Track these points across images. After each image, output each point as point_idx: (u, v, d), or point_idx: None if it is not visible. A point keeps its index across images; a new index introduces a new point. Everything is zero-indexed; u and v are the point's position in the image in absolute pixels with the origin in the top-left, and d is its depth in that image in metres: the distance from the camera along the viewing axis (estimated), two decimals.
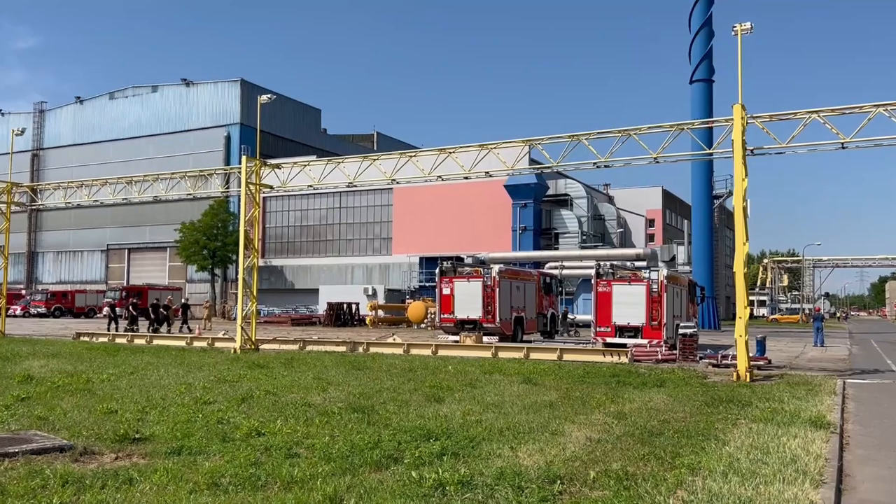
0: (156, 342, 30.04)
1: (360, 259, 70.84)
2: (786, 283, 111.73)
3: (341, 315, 54.01)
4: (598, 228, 67.91)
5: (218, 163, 72.63)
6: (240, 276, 25.38)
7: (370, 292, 60.63)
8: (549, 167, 21.98)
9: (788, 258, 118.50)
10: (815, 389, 14.79)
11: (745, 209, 18.01)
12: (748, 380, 17.03)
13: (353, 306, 55.40)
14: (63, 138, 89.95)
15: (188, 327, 38.41)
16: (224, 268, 73.91)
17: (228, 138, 77.50)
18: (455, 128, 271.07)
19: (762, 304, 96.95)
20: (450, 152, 23.21)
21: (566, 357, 22.72)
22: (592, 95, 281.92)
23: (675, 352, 23.06)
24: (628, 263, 42.59)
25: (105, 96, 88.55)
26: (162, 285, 72.27)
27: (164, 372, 16.05)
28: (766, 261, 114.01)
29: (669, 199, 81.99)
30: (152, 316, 37.61)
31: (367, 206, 71.23)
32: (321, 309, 57.79)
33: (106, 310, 67.17)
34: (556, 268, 52.18)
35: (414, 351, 25.03)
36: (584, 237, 62.12)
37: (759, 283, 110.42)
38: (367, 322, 52.30)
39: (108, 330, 34.36)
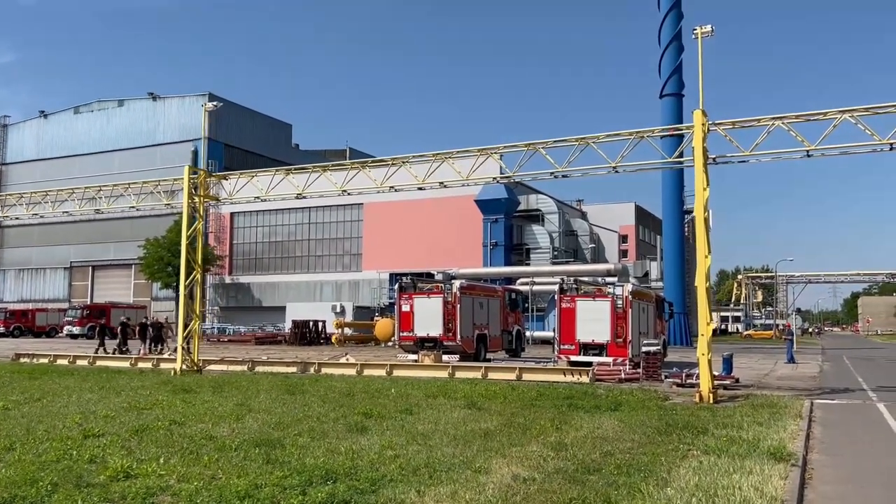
0: (98, 363, 28.49)
1: (330, 276, 69.34)
2: (760, 298, 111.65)
3: (307, 333, 52.49)
4: (570, 244, 67.07)
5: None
6: (180, 293, 23.98)
7: (338, 310, 59.07)
8: (506, 177, 20.93)
9: (762, 274, 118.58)
10: (780, 412, 13.73)
11: (706, 220, 17.06)
12: (711, 401, 15.97)
13: (320, 324, 53.86)
14: (26, 153, 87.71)
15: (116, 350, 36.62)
16: None
17: (195, 153, 75.72)
18: (430, 145, 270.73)
19: (736, 319, 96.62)
20: (403, 162, 22.09)
21: (526, 376, 21.59)
22: (572, 113, 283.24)
23: (639, 370, 22.01)
24: (599, 279, 41.72)
25: (70, 111, 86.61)
26: (125, 303, 70.22)
27: (75, 398, 14.64)
28: (740, 276, 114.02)
29: (642, 215, 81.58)
30: (139, 335, 34.79)
31: (337, 221, 69.89)
32: (288, 327, 56.17)
33: (65, 329, 65.42)
34: (527, 283, 51.23)
35: (367, 371, 23.75)
36: (556, 253, 61.18)
37: (733, 298, 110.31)
38: (332, 340, 50.82)
39: (97, 352, 31.94)
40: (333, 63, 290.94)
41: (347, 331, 53.22)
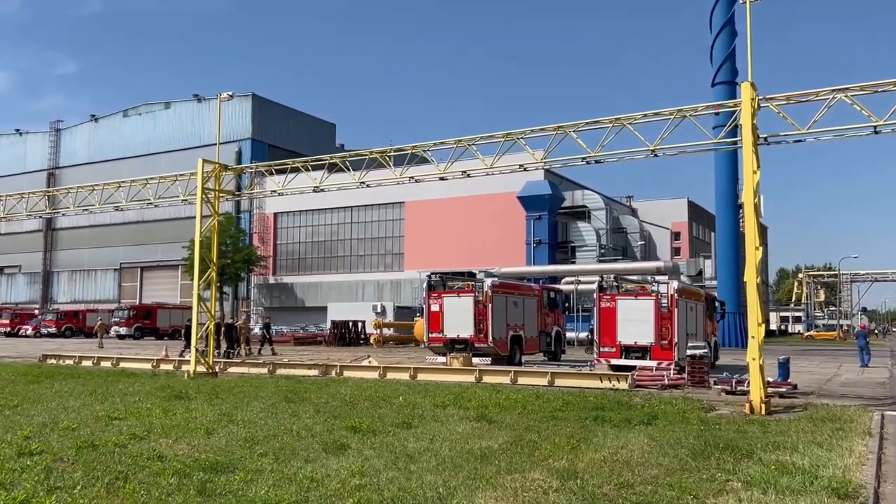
0: (122, 365, 27.77)
1: (372, 275, 68.34)
2: (822, 298, 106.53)
3: (346, 334, 51.44)
4: (619, 242, 64.64)
5: (230, 178, 70.84)
6: (195, 292, 22.92)
7: (379, 309, 57.91)
8: (532, 163, 19.17)
9: (825, 272, 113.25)
10: (845, 428, 11.69)
11: (756, 207, 15.02)
12: (763, 412, 13.98)
13: (360, 324, 52.79)
14: (78, 157, 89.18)
15: (272, 349, 35.89)
16: (234, 286, 71.93)
17: (240, 153, 75.70)
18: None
19: (797, 320, 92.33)
20: (423, 150, 20.55)
21: (558, 382, 19.81)
22: (612, 105, 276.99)
23: (685, 376, 20.01)
24: (649, 278, 39.44)
25: (119, 114, 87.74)
26: (171, 304, 70.44)
27: (55, 405, 13.48)
28: (800, 275, 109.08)
29: (696, 211, 78.35)
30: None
31: (379, 220, 68.83)
32: (328, 327, 55.24)
33: (112, 329, 65.87)
34: (571, 283, 49.21)
35: (391, 375, 22.29)
36: (603, 250, 58.85)
37: (794, 298, 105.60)
38: (371, 341, 49.66)
39: (181, 355, 30.93)
40: (380, 63, 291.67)
41: (388, 331, 52.03)
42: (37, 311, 78.56)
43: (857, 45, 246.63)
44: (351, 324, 52.38)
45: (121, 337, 63.27)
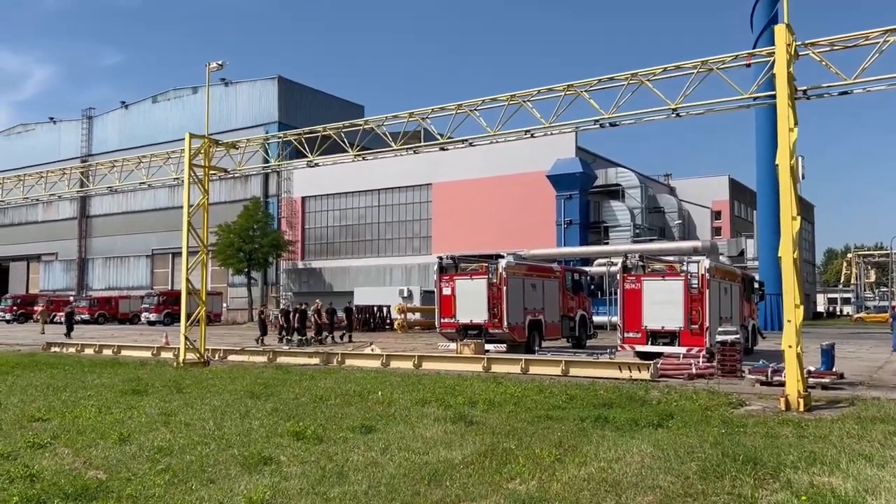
0: (123, 353, 26.70)
1: (399, 259, 66.76)
2: (873, 278, 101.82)
3: (370, 319, 50.07)
4: (655, 222, 61.92)
5: (257, 163, 69.92)
6: (183, 277, 21.52)
7: (405, 294, 56.38)
8: (538, 128, 17.15)
9: (875, 252, 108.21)
10: None
11: (793, 169, 12.84)
12: (801, 409, 11.93)
13: (385, 309, 51.37)
14: (109, 144, 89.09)
15: (350, 336, 34.91)
16: (263, 271, 71.15)
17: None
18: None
19: (847, 301, 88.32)
20: (421, 118, 18.67)
21: (574, 371, 17.91)
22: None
23: (715, 364, 17.92)
24: (685, 258, 37.08)
25: (148, 100, 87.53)
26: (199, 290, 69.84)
27: None
28: (850, 255, 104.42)
29: (738, 189, 74.97)
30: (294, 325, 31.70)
31: (406, 203, 67.09)
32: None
33: (143, 316, 65.75)
34: (604, 264, 47.03)
35: (394, 364, 20.65)
36: (638, 230, 56.24)
37: (843, 279, 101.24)
38: (395, 326, 48.22)
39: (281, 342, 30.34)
40: (406, 44, 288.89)
41: (413, 316, 50.49)
42: (71, 298, 78.95)
43: None
44: (375, 308, 51.00)
45: (151, 323, 62.91)
